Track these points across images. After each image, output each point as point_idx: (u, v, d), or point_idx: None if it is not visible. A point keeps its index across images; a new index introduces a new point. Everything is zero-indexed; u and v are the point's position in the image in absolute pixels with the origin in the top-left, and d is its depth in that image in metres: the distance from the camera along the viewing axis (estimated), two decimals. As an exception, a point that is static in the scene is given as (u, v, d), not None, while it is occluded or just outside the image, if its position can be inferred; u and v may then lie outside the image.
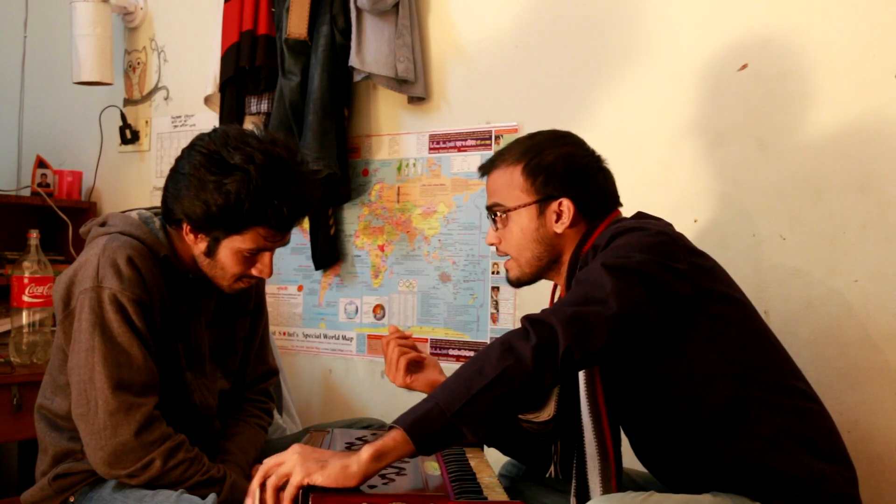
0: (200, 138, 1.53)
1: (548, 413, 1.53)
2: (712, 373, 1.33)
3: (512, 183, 1.51)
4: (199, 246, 1.55)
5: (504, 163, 1.53)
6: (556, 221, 1.49)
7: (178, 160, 1.54)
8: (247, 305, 1.76)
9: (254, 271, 1.57)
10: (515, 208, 1.50)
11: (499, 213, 1.52)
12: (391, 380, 1.59)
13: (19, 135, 3.26)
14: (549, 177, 1.49)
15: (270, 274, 1.59)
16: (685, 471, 1.39)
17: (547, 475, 1.63)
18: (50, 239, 2.93)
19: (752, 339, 1.38)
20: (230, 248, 1.53)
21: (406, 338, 1.61)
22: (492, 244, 1.57)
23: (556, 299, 1.58)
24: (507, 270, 1.57)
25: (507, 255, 1.55)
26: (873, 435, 1.79)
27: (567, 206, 1.48)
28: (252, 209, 1.46)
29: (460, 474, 1.34)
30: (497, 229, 1.54)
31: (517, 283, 1.56)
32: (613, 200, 1.55)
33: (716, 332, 1.34)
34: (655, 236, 1.36)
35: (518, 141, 1.57)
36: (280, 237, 1.55)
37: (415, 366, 1.59)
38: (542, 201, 1.49)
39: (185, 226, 1.53)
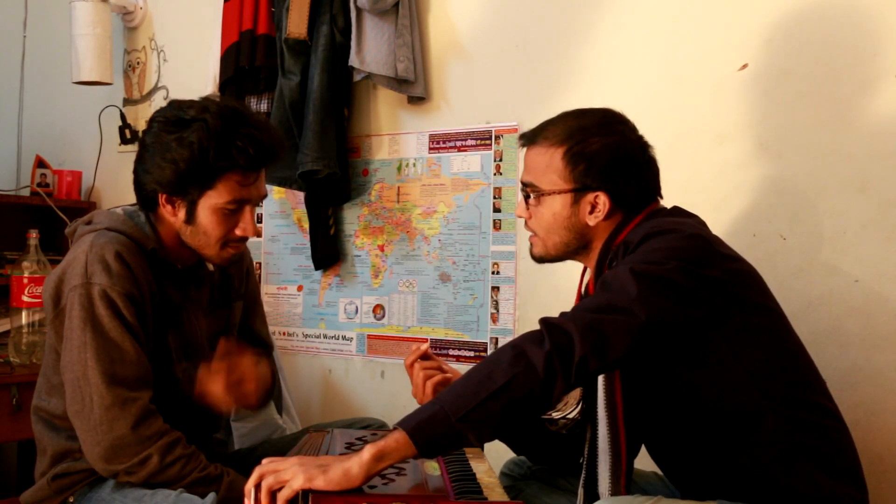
0: (156, 112, 1.56)
1: (575, 398, 1.51)
2: (732, 381, 1.30)
3: (550, 165, 1.44)
4: (178, 217, 1.54)
5: (546, 141, 1.46)
6: (590, 213, 1.44)
7: (139, 140, 1.56)
8: (240, 289, 1.76)
9: (237, 231, 1.56)
10: (549, 193, 1.44)
11: (532, 194, 1.47)
12: (419, 402, 1.52)
13: (19, 135, 3.26)
14: (590, 167, 1.42)
15: (254, 232, 1.59)
16: (697, 474, 1.38)
17: (581, 460, 1.61)
18: (49, 239, 2.92)
19: (777, 351, 1.34)
20: (208, 207, 1.52)
21: (429, 357, 1.56)
22: (521, 217, 1.52)
23: (583, 283, 1.55)
24: (531, 245, 1.52)
25: (533, 231, 1.51)
26: (873, 435, 1.79)
27: (603, 200, 1.42)
28: (217, 154, 1.47)
29: (460, 474, 1.34)
30: (528, 207, 1.49)
31: (539, 260, 1.52)
32: (654, 192, 1.50)
33: (740, 343, 1.30)
34: (688, 240, 1.31)
35: (566, 117, 1.49)
36: (253, 180, 1.54)
37: (442, 386, 1.52)
38: (579, 191, 1.43)
39: (160, 197, 1.53)
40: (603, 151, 1.42)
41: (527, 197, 1.49)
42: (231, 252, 1.59)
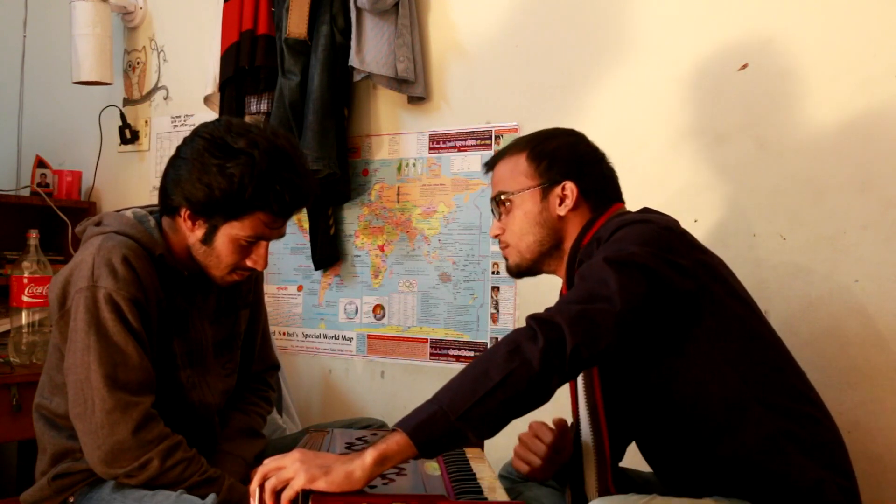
0: (204, 125, 1.54)
1: None
2: (713, 371, 1.32)
3: (516, 169, 1.52)
4: (195, 233, 1.54)
5: (508, 153, 1.55)
6: (560, 204, 1.49)
7: (179, 147, 1.55)
8: (247, 297, 1.75)
9: (248, 262, 1.57)
10: (519, 191, 1.51)
11: (503, 200, 1.52)
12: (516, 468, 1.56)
13: (19, 135, 3.25)
14: (553, 161, 1.50)
15: (265, 266, 1.59)
16: (686, 468, 1.38)
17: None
18: (49, 239, 2.93)
19: (755, 340, 1.36)
20: (228, 236, 1.52)
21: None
22: (495, 236, 1.56)
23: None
24: (506, 259, 1.56)
25: (507, 244, 1.54)
26: (873, 435, 1.79)
27: (570, 188, 1.48)
28: (255, 194, 1.47)
29: (460, 475, 1.34)
30: (500, 219, 1.54)
31: (516, 270, 1.55)
32: (616, 192, 1.55)
33: (718, 331, 1.32)
34: (659, 230, 1.34)
35: (521, 136, 1.59)
36: (279, 225, 1.56)
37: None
38: (546, 185, 1.50)
39: (183, 212, 1.53)
40: (563, 147, 1.52)
41: (498, 212, 1.54)
42: (235, 278, 1.59)
